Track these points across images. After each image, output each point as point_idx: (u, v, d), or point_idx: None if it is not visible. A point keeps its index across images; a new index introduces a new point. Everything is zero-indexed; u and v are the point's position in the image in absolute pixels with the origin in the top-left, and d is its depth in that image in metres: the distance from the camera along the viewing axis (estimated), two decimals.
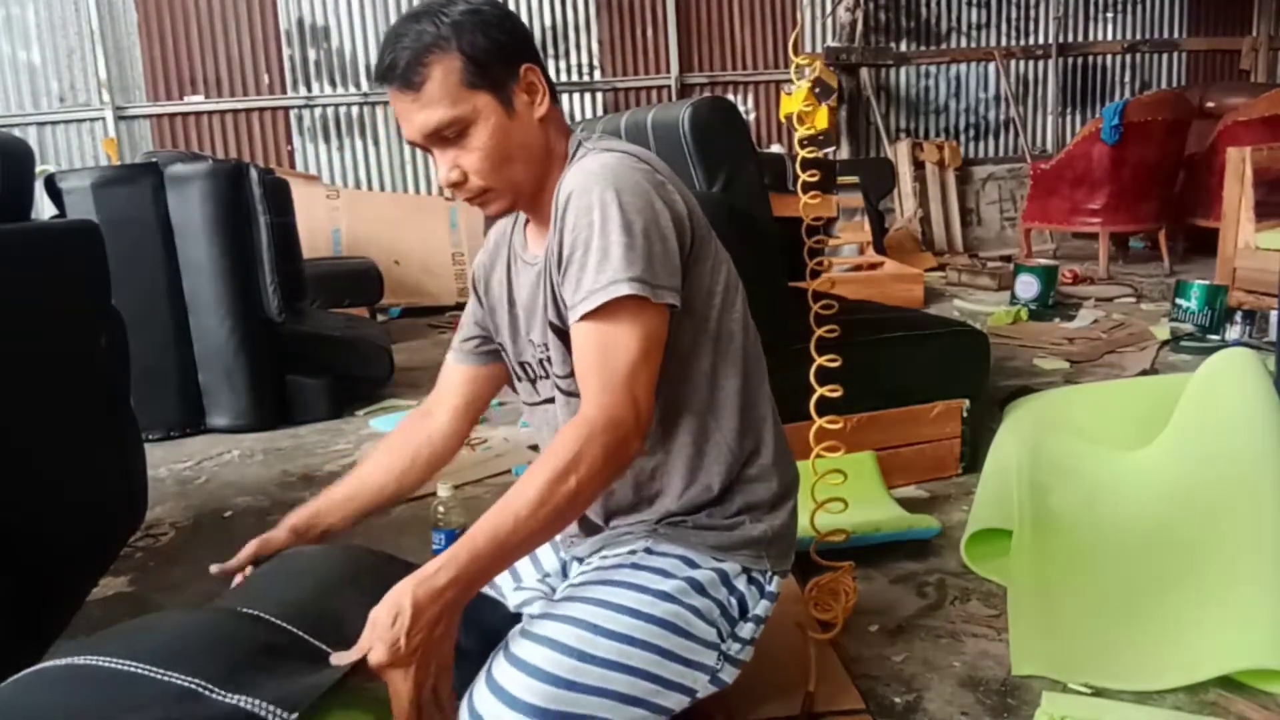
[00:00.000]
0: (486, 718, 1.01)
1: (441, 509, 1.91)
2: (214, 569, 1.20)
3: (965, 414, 2.42)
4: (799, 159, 1.79)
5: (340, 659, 0.91)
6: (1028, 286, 4.71)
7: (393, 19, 6.68)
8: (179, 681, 0.84)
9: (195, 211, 3.10)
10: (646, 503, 1.21)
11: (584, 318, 1.05)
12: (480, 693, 1.03)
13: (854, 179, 5.61)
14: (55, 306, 1.80)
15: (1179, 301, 4.13)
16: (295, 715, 0.82)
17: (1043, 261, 5.15)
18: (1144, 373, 3.34)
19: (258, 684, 0.85)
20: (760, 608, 1.20)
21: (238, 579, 1.19)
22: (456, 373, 1.37)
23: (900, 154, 7.19)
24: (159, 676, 0.84)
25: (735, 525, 1.19)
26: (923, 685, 1.47)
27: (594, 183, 1.07)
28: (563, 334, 1.13)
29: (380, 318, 5.42)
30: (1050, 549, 1.80)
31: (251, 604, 1.00)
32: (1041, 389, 2.94)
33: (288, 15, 6.54)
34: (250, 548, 1.22)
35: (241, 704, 0.82)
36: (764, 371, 1.25)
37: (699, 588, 1.14)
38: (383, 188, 6.82)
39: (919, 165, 7.23)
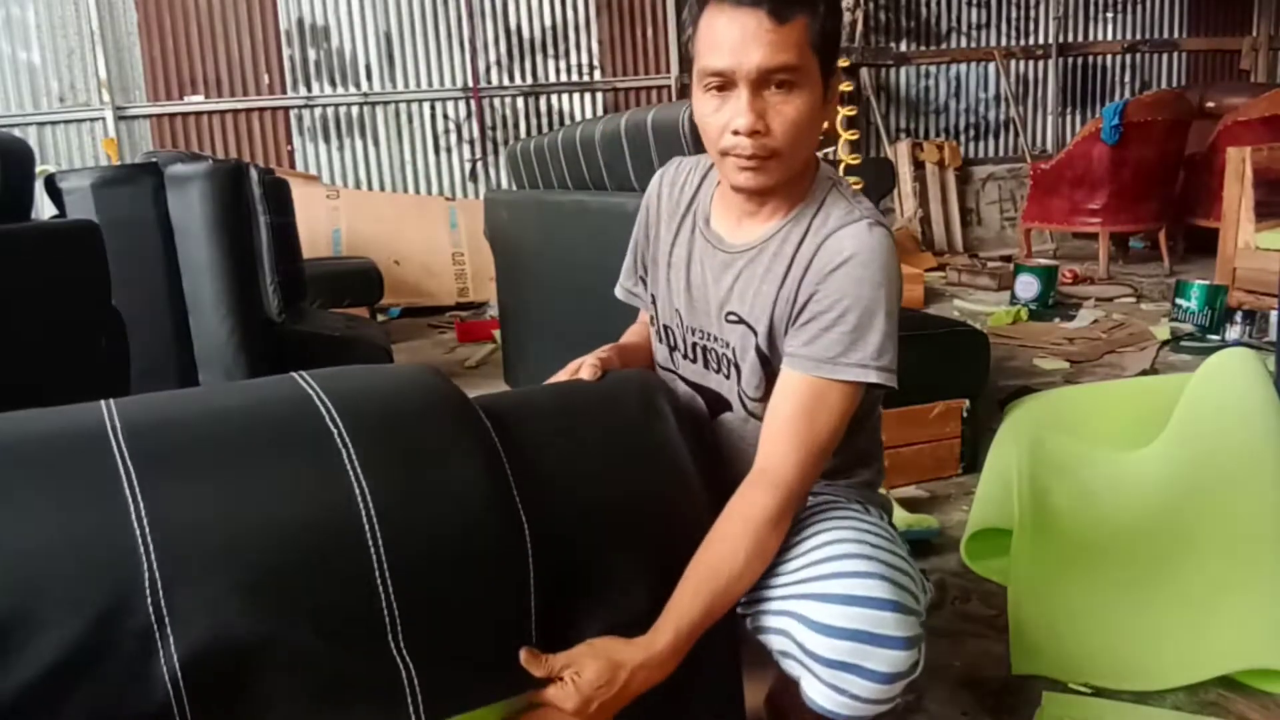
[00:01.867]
0: (850, 625, 0.99)
1: None
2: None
3: (965, 414, 2.42)
4: (841, 165, 1.82)
5: (531, 666, 0.93)
6: (1028, 286, 4.71)
7: (392, 19, 6.71)
8: None
9: (195, 211, 3.10)
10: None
11: (812, 374, 1.08)
12: (823, 611, 1.00)
13: (854, 179, 5.61)
14: (55, 306, 1.80)
15: (1179, 301, 4.13)
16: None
17: (1043, 261, 5.15)
18: (1144, 373, 3.34)
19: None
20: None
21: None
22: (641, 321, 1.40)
23: (900, 154, 7.19)
24: None
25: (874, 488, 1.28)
26: (923, 685, 1.47)
27: (875, 258, 1.08)
28: (765, 359, 1.16)
29: (380, 318, 5.42)
30: (1050, 549, 1.80)
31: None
32: (1041, 389, 2.94)
33: (288, 15, 6.54)
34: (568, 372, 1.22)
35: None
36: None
37: (883, 524, 1.18)
38: (383, 188, 6.82)
39: (919, 165, 7.23)
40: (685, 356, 1.27)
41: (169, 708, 0.76)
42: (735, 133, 1.08)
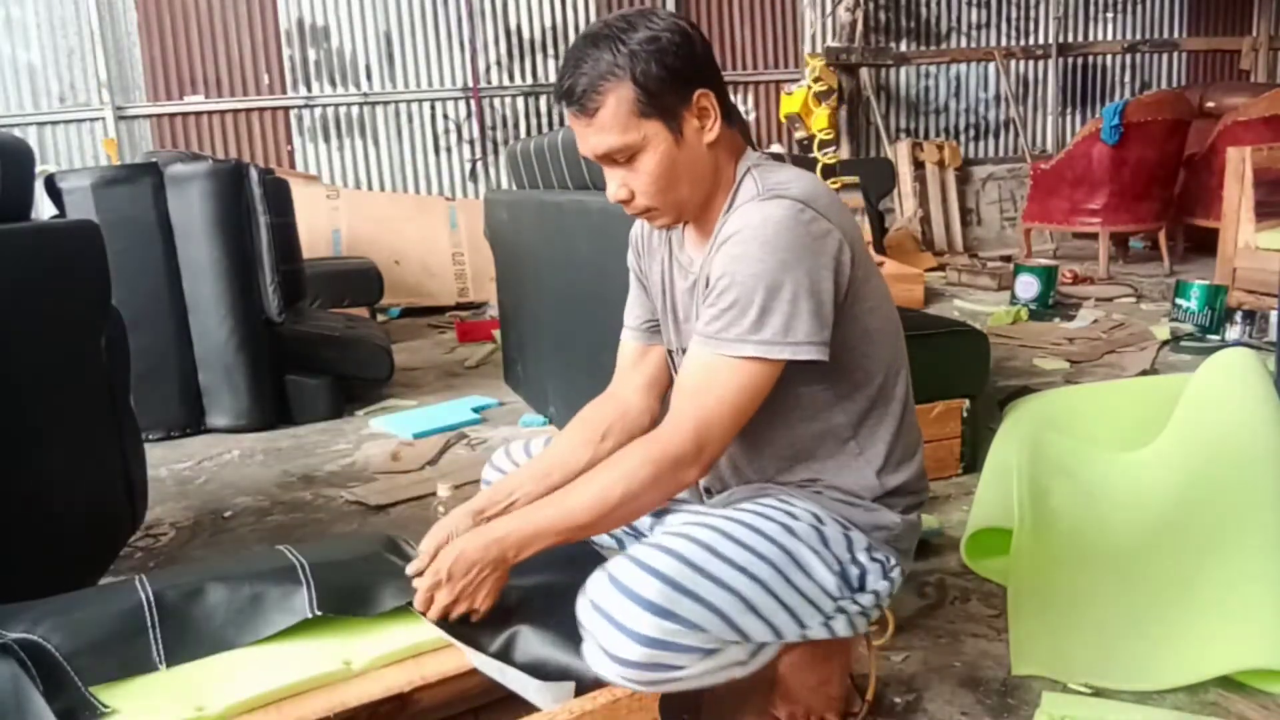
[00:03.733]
0: (602, 603, 1.04)
1: (442, 509, 1.91)
2: (411, 570, 1.22)
3: (965, 414, 2.42)
4: (820, 167, 1.82)
5: (410, 568, 1.20)
6: (1028, 286, 4.71)
7: (392, 19, 6.71)
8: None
9: (195, 211, 3.10)
10: (793, 472, 1.26)
11: (703, 346, 1.13)
12: (598, 581, 1.06)
13: (854, 179, 5.61)
14: (56, 306, 1.80)
15: (1179, 301, 4.13)
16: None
17: (1043, 261, 5.15)
18: (1144, 373, 3.34)
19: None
20: (880, 586, 1.21)
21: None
22: (634, 350, 1.41)
23: (900, 154, 7.19)
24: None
25: (872, 510, 1.23)
26: (923, 685, 1.47)
27: (761, 231, 1.10)
28: None
29: (380, 318, 5.42)
30: (1050, 549, 1.80)
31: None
32: (1041, 389, 2.93)
33: (288, 15, 6.54)
34: (434, 539, 1.22)
35: None
36: (910, 398, 1.30)
37: (823, 540, 1.16)
38: (383, 188, 6.82)
39: (919, 165, 7.23)
40: None
41: None
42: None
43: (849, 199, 5.51)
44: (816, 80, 6.18)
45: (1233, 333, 3.83)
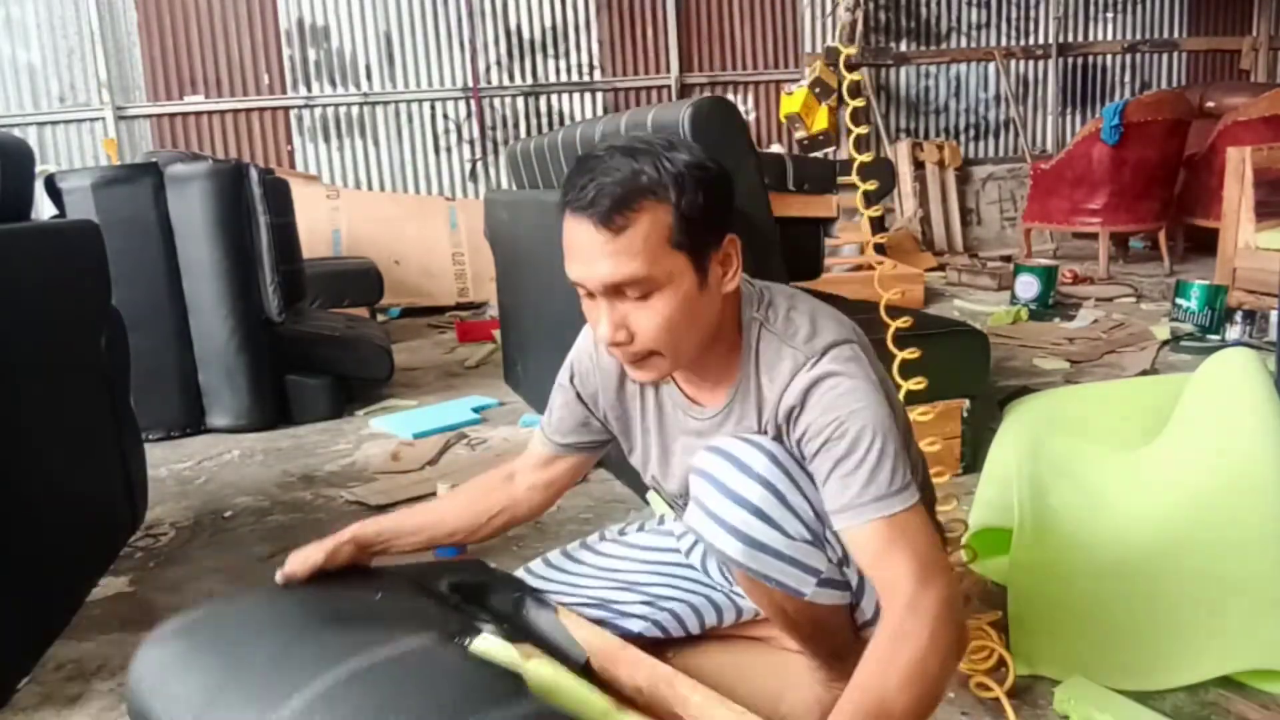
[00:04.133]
0: (712, 470, 1.08)
1: None
2: (280, 578, 1.23)
3: (965, 414, 2.42)
4: (856, 165, 1.82)
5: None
6: (1028, 286, 4.71)
7: (392, 19, 6.71)
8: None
9: (195, 211, 3.10)
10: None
11: (871, 513, 1.02)
12: (707, 457, 1.10)
13: (854, 179, 5.60)
14: (56, 307, 1.80)
15: (1179, 301, 4.13)
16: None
17: (1043, 261, 5.15)
18: (1144, 373, 3.34)
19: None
20: None
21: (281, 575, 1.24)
22: (544, 455, 1.36)
23: (900, 154, 7.19)
24: None
25: None
26: None
27: (838, 379, 1.05)
28: None
29: (380, 318, 5.42)
30: (1050, 549, 1.80)
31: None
32: (1041, 389, 2.93)
33: (288, 15, 6.54)
34: (317, 558, 1.23)
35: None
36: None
37: None
38: (383, 188, 6.82)
39: (919, 165, 7.23)
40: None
41: None
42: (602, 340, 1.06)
43: (849, 199, 5.51)
44: (817, 80, 6.18)
45: (1233, 333, 3.83)
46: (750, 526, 1.06)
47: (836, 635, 1.25)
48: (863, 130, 2.85)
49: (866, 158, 2.02)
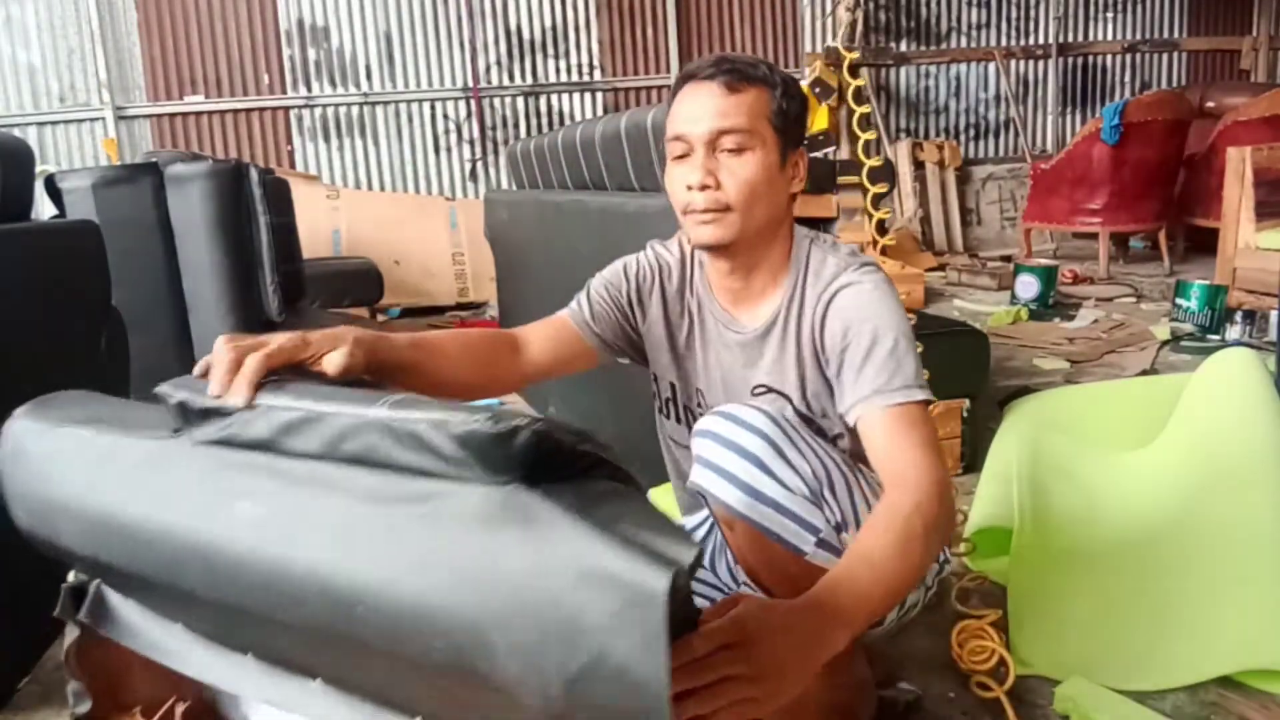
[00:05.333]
0: (714, 428, 1.16)
1: None
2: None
3: (965, 414, 2.42)
4: (865, 170, 1.87)
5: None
6: (1028, 286, 4.71)
7: (393, 19, 6.71)
8: None
9: (195, 211, 3.10)
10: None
11: (880, 401, 1.13)
12: (708, 420, 1.18)
13: (854, 179, 5.61)
14: (56, 307, 1.80)
15: (1179, 301, 4.13)
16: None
17: (1043, 261, 5.15)
18: (1144, 373, 3.34)
19: None
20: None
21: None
22: (567, 331, 1.36)
23: (900, 154, 7.19)
24: None
25: None
26: (923, 685, 1.47)
27: (873, 299, 1.19)
28: (805, 418, 1.26)
29: (380, 318, 5.42)
30: (1050, 549, 1.80)
31: None
32: (1041, 389, 2.93)
33: (288, 15, 6.54)
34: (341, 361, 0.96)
35: None
36: None
37: None
38: (383, 188, 6.82)
39: (919, 165, 7.23)
40: (690, 427, 1.33)
41: None
42: (689, 188, 1.19)
43: (849, 199, 5.50)
44: (817, 80, 6.17)
45: (1233, 333, 3.83)
46: (750, 475, 1.12)
47: None
48: (870, 135, 2.81)
49: (875, 162, 2.04)
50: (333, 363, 0.94)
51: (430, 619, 0.67)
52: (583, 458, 0.70)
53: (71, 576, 1.01)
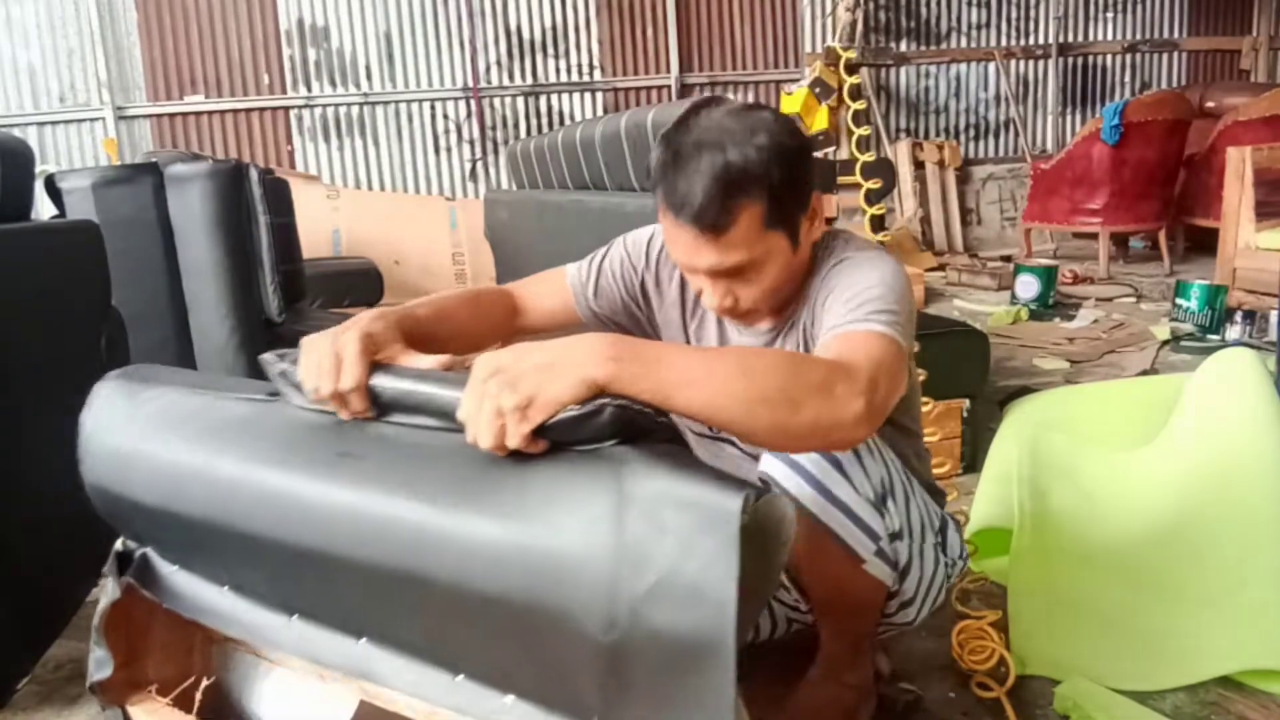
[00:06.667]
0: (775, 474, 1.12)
1: None
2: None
3: (965, 414, 2.42)
4: (859, 165, 1.84)
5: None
6: (1028, 286, 4.71)
7: (393, 19, 6.71)
8: None
9: (195, 211, 3.10)
10: None
11: (841, 329, 1.02)
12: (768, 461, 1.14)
13: (854, 179, 5.60)
14: (55, 307, 1.80)
15: (1179, 301, 4.13)
16: None
17: (1043, 261, 5.15)
18: (1144, 373, 3.34)
19: None
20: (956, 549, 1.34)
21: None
22: (565, 302, 1.33)
23: (900, 154, 7.19)
24: None
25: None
26: (923, 685, 1.47)
27: (873, 264, 1.13)
28: None
29: None
30: (1050, 549, 1.80)
31: None
32: (1041, 389, 2.93)
33: (288, 15, 6.53)
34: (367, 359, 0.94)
35: None
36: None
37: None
38: (383, 188, 6.82)
39: (919, 165, 7.23)
40: None
41: None
42: (704, 295, 1.15)
43: (849, 199, 5.51)
44: (817, 80, 6.17)
45: (1233, 333, 3.83)
46: (822, 471, 1.10)
47: (864, 619, 1.27)
48: (865, 131, 2.80)
49: (869, 157, 2.02)
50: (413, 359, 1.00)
51: (511, 554, 0.74)
52: (658, 427, 0.80)
53: (119, 544, 1.08)
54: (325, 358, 0.90)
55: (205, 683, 1.08)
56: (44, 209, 2.98)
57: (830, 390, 0.88)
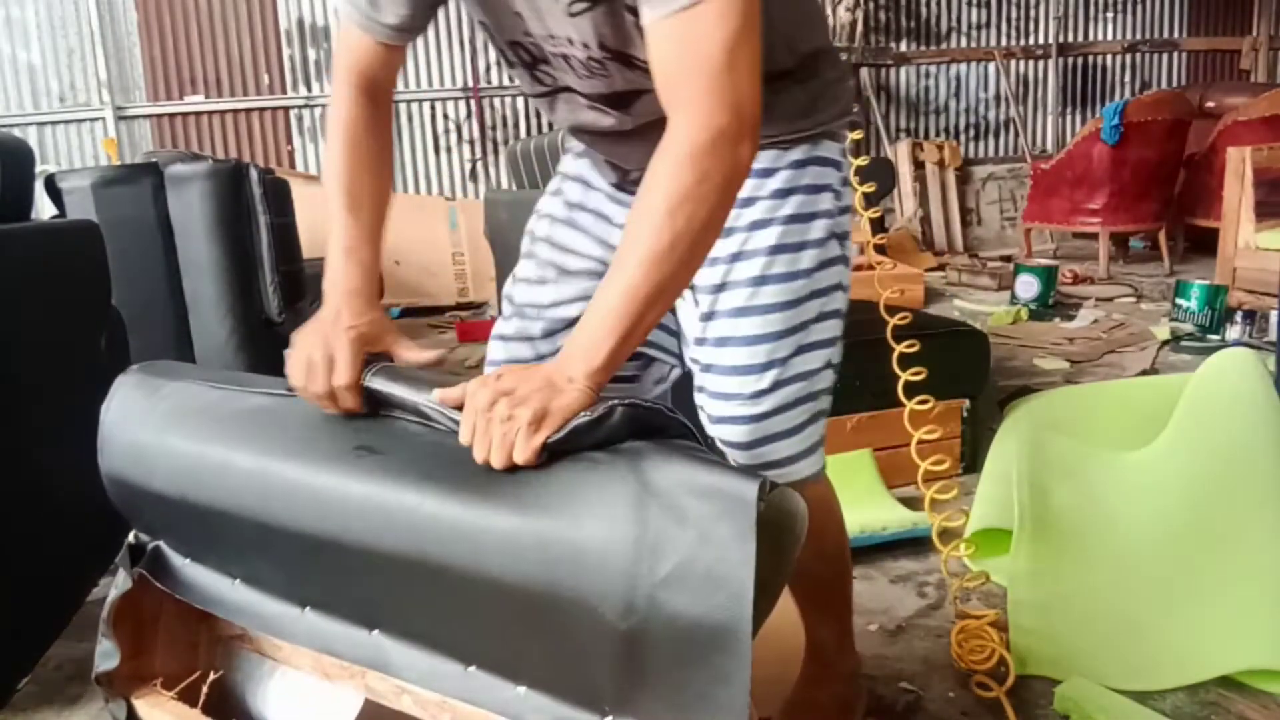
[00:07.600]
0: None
1: None
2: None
3: (965, 414, 2.42)
4: (853, 168, 1.80)
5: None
6: (1028, 286, 4.71)
7: None
8: None
9: (195, 211, 3.10)
10: None
11: (668, 15, 0.86)
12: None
13: (853, 182, 5.60)
14: (56, 306, 1.80)
15: (1179, 301, 4.13)
16: None
17: (1043, 261, 5.15)
18: (1144, 373, 3.34)
19: None
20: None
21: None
22: (368, 49, 1.23)
23: (900, 154, 7.19)
24: None
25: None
26: (923, 685, 1.47)
27: None
28: (618, 54, 1.02)
29: None
30: (1050, 549, 1.80)
31: None
32: (1041, 389, 2.93)
33: (288, 15, 6.54)
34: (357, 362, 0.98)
35: None
36: None
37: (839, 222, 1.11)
38: None
39: (919, 165, 7.23)
40: (527, 65, 1.18)
41: None
42: None
43: None
44: None
45: (1233, 333, 3.83)
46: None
47: (838, 586, 1.27)
48: (857, 136, 2.79)
49: (863, 161, 2.01)
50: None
51: (531, 544, 0.76)
52: (670, 423, 0.83)
53: (132, 537, 1.10)
54: (318, 363, 0.95)
55: (213, 677, 1.08)
56: (44, 209, 2.98)
57: (707, 176, 0.84)
